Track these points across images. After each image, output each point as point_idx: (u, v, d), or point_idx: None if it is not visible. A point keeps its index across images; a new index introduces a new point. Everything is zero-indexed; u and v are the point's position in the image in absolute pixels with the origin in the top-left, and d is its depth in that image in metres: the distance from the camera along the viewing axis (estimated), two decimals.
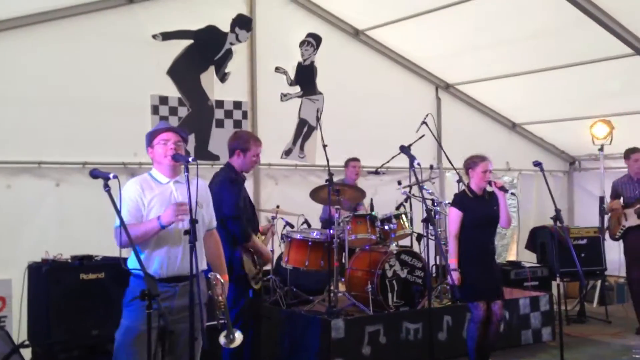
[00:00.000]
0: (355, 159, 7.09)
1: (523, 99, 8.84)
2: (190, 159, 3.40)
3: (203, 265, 3.63)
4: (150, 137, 3.60)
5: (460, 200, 5.28)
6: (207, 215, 3.73)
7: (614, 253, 8.28)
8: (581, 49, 7.22)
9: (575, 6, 6.26)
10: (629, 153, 6.94)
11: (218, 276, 3.61)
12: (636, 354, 5.78)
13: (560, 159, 9.99)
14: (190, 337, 3.31)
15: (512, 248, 10.23)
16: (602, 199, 8.36)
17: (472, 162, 5.24)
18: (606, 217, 7.50)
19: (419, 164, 4.71)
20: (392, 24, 7.68)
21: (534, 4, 6.68)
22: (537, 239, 8.10)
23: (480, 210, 5.18)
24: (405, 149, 4.63)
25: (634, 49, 6.80)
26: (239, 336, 3.59)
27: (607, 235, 7.31)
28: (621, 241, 7.06)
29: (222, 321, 3.56)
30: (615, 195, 7.07)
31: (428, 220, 4.19)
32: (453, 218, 5.21)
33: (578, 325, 7.25)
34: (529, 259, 8.33)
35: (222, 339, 3.57)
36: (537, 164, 5.10)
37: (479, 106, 9.15)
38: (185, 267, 3.42)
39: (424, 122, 6.85)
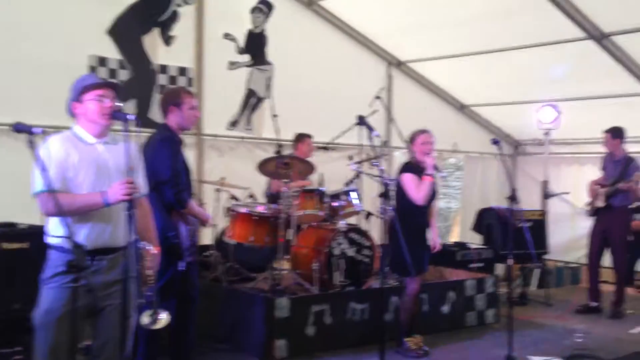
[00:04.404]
0: (309, 136, 6.84)
1: (472, 81, 8.76)
2: (128, 117, 3.07)
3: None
4: (80, 91, 3.21)
5: (412, 168, 5.34)
6: (139, 181, 3.38)
7: (556, 237, 8.41)
8: (533, 30, 7.13)
9: None
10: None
11: (148, 247, 3.29)
12: (578, 338, 5.81)
13: (506, 142, 10.00)
14: (122, 315, 2.99)
15: (454, 230, 10.25)
16: (545, 183, 8.44)
17: (412, 137, 5.44)
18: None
19: (377, 134, 4.54)
20: None
21: None
22: (484, 220, 8.08)
23: None
24: (363, 120, 4.41)
25: (586, 32, 6.77)
26: (165, 317, 3.23)
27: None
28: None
29: (149, 299, 3.20)
30: (603, 168, 7.20)
31: (385, 194, 3.99)
32: (413, 183, 5.20)
33: (520, 308, 7.27)
34: (472, 240, 8.32)
35: (145, 319, 3.19)
36: (496, 141, 5.05)
37: (430, 85, 9.03)
38: (115, 238, 3.12)
39: (378, 97, 6.66)
